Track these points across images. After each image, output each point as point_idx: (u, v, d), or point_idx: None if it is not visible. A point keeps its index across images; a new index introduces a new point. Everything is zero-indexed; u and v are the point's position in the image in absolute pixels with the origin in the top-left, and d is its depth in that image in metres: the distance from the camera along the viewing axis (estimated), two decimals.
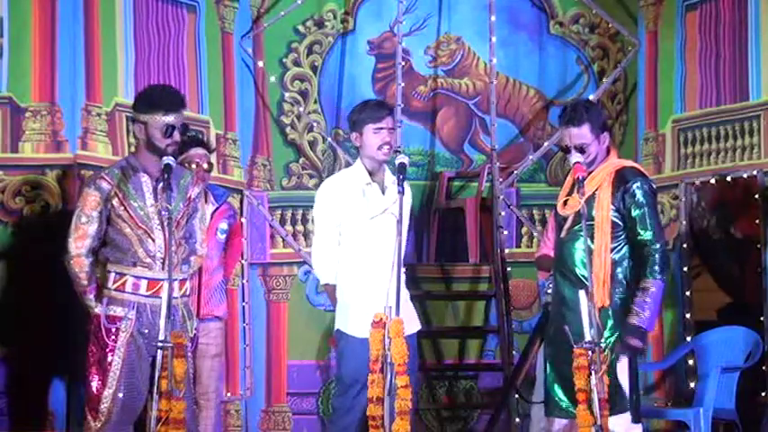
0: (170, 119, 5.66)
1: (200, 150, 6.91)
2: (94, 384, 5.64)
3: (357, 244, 5.88)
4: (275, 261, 8.87)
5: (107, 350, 5.63)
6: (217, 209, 7.07)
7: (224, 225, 7.06)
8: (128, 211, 5.67)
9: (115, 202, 5.67)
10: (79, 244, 5.67)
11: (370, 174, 5.94)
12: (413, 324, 5.94)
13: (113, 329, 5.64)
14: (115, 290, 5.68)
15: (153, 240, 5.66)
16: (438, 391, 8.74)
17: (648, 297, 5.44)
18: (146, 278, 5.67)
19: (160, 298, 5.57)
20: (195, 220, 5.90)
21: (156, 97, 5.75)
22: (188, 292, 5.85)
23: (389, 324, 4.91)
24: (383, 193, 5.98)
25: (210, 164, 6.99)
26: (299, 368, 8.81)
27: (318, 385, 8.81)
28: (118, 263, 5.70)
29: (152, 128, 5.68)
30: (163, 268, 5.65)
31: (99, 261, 5.74)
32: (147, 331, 5.66)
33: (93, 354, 5.68)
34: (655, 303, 5.46)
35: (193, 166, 6.75)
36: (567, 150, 5.62)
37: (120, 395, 5.60)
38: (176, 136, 5.68)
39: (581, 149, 5.56)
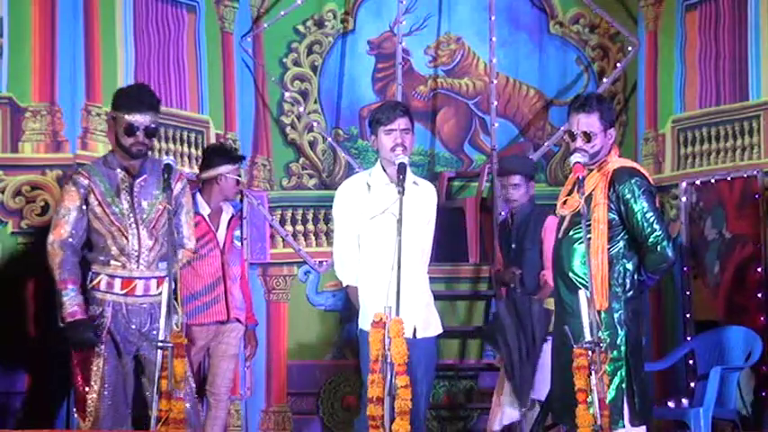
0: (133, 118, 5.68)
1: (229, 167, 7.01)
2: (80, 385, 5.68)
3: (374, 244, 5.84)
4: (275, 261, 8.87)
5: (89, 350, 5.66)
6: (232, 217, 7.18)
7: (237, 232, 7.22)
8: (102, 208, 5.72)
9: (92, 198, 5.74)
10: (52, 237, 5.75)
11: (389, 175, 5.86)
12: (434, 327, 5.91)
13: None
14: (92, 288, 5.74)
15: (127, 239, 5.69)
16: (438, 391, 8.74)
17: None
18: (120, 276, 5.72)
19: (135, 296, 5.64)
20: (181, 215, 5.92)
21: (125, 96, 5.82)
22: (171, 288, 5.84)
23: (389, 324, 4.90)
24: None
25: (240, 176, 7.13)
26: (299, 368, 8.81)
27: (318, 385, 8.81)
28: (94, 262, 5.77)
29: (118, 125, 5.73)
30: (138, 267, 5.69)
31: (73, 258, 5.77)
32: (122, 329, 5.68)
33: (77, 354, 5.72)
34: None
35: (222, 180, 6.92)
36: (572, 137, 5.61)
37: (105, 394, 5.63)
38: (140, 136, 5.71)
39: (587, 137, 5.55)
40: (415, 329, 5.72)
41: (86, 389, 5.67)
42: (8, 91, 7.12)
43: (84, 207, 5.76)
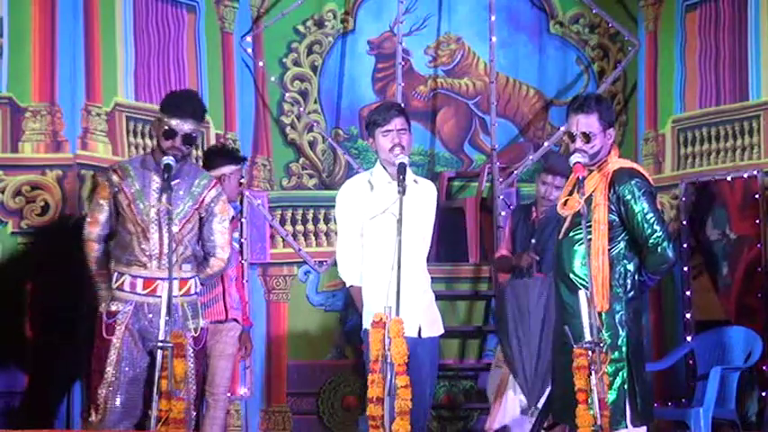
0: (173, 122, 5.73)
1: (232, 167, 7.03)
2: (95, 379, 5.70)
3: (375, 244, 5.83)
4: (275, 261, 8.87)
5: (105, 344, 5.70)
6: (232, 219, 7.20)
7: (236, 234, 7.24)
8: (131, 208, 5.75)
9: (121, 196, 5.79)
10: (90, 229, 5.86)
11: (390, 174, 5.86)
12: (435, 327, 5.90)
13: (112, 324, 5.71)
14: (116, 288, 5.77)
15: (148, 239, 5.72)
16: (438, 391, 8.74)
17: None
18: (142, 277, 5.75)
19: (156, 297, 5.66)
20: (213, 223, 5.94)
21: (170, 100, 5.91)
22: (191, 291, 5.87)
23: (389, 324, 4.90)
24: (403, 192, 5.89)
25: (242, 176, 7.14)
26: (299, 368, 8.81)
27: (318, 385, 8.81)
28: (119, 261, 5.81)
29: (160, 127, 5.77)
30: (159, 267, 5.72)
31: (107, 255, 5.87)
32: (143, 328, 5.71)
33: (96, 349, 5.77)
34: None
35: (224, 181, 6.95)
36: (572, 138, 5.61)
37: (118, 389, 5.64)
38: (177, 141, 5.75)
39: (587, 138, 5.54)
40: (420, 328, 5.71)
41: (100, 382, 5.69)
42: (8, 91, 7.12)
43: (111, 203, 5.83)
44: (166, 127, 5.74)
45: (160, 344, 5.08)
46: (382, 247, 5.69)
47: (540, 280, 7.19)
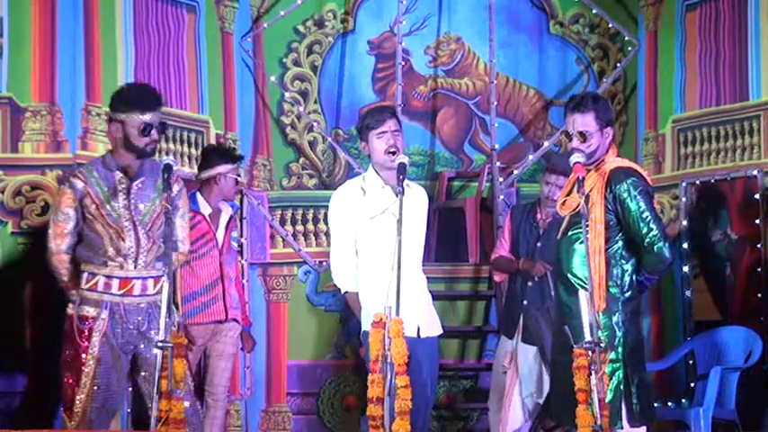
0: (147, 117, 5.70)
1: (228, 166, 7.03)
2: (68, 385, 5.68)
3: (374, 245, 5.83)
4: (275, 261, 8.86)
5: (80, 351, 5.69)
6: (230, 218, 7.20)
7: (235, 234, 7.25)
8: (99, 210, 5.71)
9: (87, 200, 5.74)
10: (58, 242, 5.77)
11: (383, 178, 5.86)
12: (434, 327, 5.90)
13: (86, 330, 5.70)
14: (87, 290, 5.74)
15: (123, 239, 5.70)
16: (438, 391, 8.73)
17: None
18: (117, 277, 5.72)
19: (132, 296, 5.65)
20: (176, 218, 5.91)
21: (134, 96, 5.80)
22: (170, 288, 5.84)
23: (389, 324, 4.90)
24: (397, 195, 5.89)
25: (239, 175, 7.15)
26: (299, 368, 8.81)
27: (318, 385, 8.81)
28: (90, 262, 5.76)
29: (129, 126, 5.72)
30: (135, 267, 5.69)
31: (74, 260, 5.79)
32: (120, 330, 5.69)
33: (67, 355, 5.75)
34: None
35: (221, 180, 6.94)
36: (569, 137, 5.61)
37: (94, 395, 5.64)
38: (154, 134, 5.73)
39: (583, 137, 5.53)
40: (418, 328, 5.71)
41: (75, 389, 5.68)
42: (8, 91, 7.12)
43: (78, 209, 5.76)
44: (141, 124, 5.68)
45: (160, 344, 5.08)
46: (381, 247, 5.69)
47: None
